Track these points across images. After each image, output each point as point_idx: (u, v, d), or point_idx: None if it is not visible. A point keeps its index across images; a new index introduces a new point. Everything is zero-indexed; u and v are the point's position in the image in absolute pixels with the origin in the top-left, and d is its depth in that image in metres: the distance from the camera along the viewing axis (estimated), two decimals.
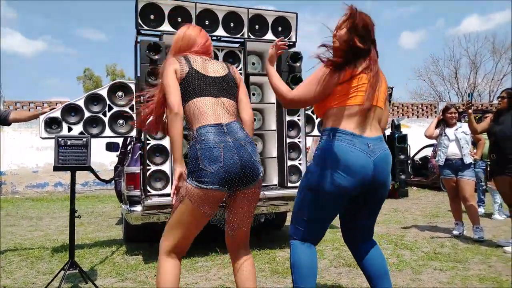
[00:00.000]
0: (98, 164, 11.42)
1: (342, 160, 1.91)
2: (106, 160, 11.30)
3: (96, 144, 8.44)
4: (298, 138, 4.43)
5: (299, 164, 4.42)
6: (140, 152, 4.06)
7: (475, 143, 5.15)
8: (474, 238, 4.42)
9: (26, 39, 40.31)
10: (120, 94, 4.00)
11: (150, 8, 4.04)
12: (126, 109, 3.99)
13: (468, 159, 4.55)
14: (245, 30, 4.39)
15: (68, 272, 2.98)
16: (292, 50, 4.51)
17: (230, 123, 1.97)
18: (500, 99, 4.12)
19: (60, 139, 2.98)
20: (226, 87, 2.05)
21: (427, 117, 15.02)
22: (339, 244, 4.36)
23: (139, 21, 4.00)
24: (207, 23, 4.27)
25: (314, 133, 4.73)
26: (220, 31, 4.32)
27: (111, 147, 5.68)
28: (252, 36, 4.42)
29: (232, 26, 4.37)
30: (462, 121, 4.82)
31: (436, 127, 4.90)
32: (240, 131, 1.98)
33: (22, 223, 6.62)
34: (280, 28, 4.53)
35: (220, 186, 1.87)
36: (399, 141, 8.83)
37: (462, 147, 4.58)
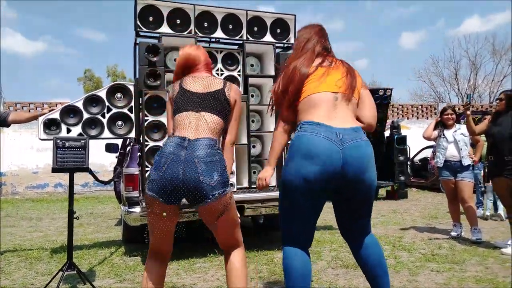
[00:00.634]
0: (98, 165, 11.45)
1: (303, 148, 1.89)
2: (106, 161, 11.32)
3: (96, 145, 8.48)
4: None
5: None
6: (138, 153, 4.08)
7: (474, 144, 5.16)
8: (472, 239, 4.43)
9: (26, 39, 40.40)
10: (119, 95, 4.01)
11: (149, 10, 4.06)
12: (125, 110, 4.01)
13: (466, 161, 4.56)
14: (243, 32, 4.41)
15: (67, 273, 3.00)
16: (291, 52, 4.52)
17: (197, 140, 1.95)
18: (498, 101, 4.13)
19: (58, 141, 2.99)
20: (213, 102, 2.06)
21: (427, 118, 15.03)
22: (337, 246, 4.37)
23: (138, 23, 4.02)
24: (205, 25, 4.29)
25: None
26: (218, 33, 4.34)
27: (110, 148, 5.70)
28: (250, 38, 4.44)
29: (230, 28, 4.38)
30: (462, 122, 4.83)
31: (435, 128, 4.91)
32: (203, 149, 1.92)
33: (21, 224, 6.64)
34: (278, 30, 4.55)
35: (157, 195, 1.91)
36: (398, 142, 8.86)
37: (461, 148, 4.59)
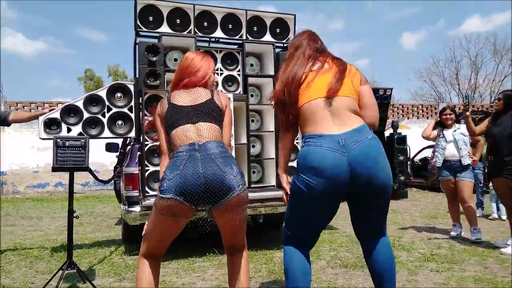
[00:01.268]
0: (99, 165, 11.49)
1: (308, 163, 1.92)
2: (106, 160, 11.35)
3: (97, 145, 8.50)
4: (297, 140, 4.45)
5: None
6: (138, 153, 4.09)
7: (474, 144, 5.16)
8: (472, 239, 4.43)
9: (27, 39, 40.43)
10: (119, 95, 4.02)
11: (148, 9, 4.06)
12: (125, 110, 4.02)
13: (466, 161, 4.57)
14: (243, 31, 4.41)
15: (67, 272, 3.01)
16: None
17: (205, 143, 1.96)
18: (497, 101, 4.14)
19: (58, 140, 3.00)
20: (207, 111, 2.06)
21: (427, 118, 15.02)
22: (336, 245, 4.37)
23: (138, 22, 4.02)
24: (205, 25, 4.29)
25: None
26: (218, 33, 4.34)
27: (110, 147, 5.72)
28: (250, 38, 4.44)
29: (230, 27, 4.39)
30: (462, 122, 4.82)
31: (434, 128, 4.91)
32: (215, 148, 1.95)
33: (22, 223, 6.65)
34: (278, 29, 4.55)
35: (176, 195, 1.83)
36: (398, 142, 8.86)
37: (461, 148, 4.60)
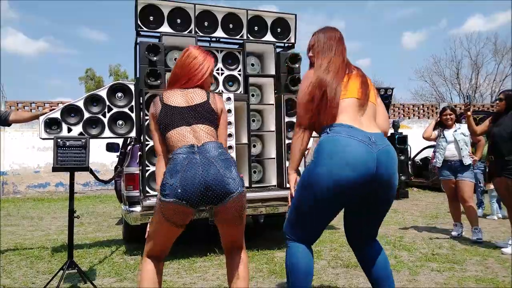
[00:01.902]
0: (100, 165, 11.49)
1: (340, 152, 1.84)
2: (107, 160, 11.35)
3: (98, 145, 8.48)
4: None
5: None
6: (139, 153, 4.08)
7: (474, 144, 5.15)
8: (473, 239, 4.42)
9: (28, 39, 40.49)
10: (119, 95, 4.02)
11: (149, 9, 4.06)
12: (126, 110, 4.02)
13: (467, 161, 4.56)
14: (244, 31, 4.40)
15: (67, 272, 3.01)
16: (291, 51, 4.53)
17: (203, 145, 1.95)
18: (497, 101, 4.13)
19: (59, 140, 3.00)
20: (202, 113, 2.05)
21: (428, 118, 15.00)
22: (337, 245, 4.37)
23: (139, 22, 4.02)
24: (206, 24, 4.29)
25: (313, 134, 4.73)
26: (219, 32, 4.33)
27: (111, 147, 5.71)
28: (251, 37, 4.43)
29: (231, 27, 4.38)
30: (463, 122, 4.82)
31: (435, 128, 4.90)
32: (213, 150, 1.94)
33: (23, 223, 6.66)
34: (279, 29, 4.55)
35: (178, 199, 1.84)
36: (399, 142, 8.86)
37: (461, 148, 4.59)
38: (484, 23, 39.12)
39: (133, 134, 4.07)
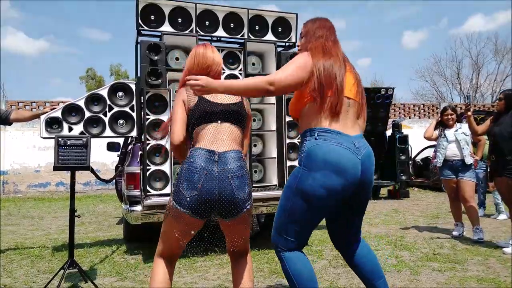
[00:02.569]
0: (101, 164, 11.49)
1: (333, 161, 1.86)
2: (108, 159, 11.35)
3: (99, 144, 8.47)
4: (298, 139, 4.44)
5: None
6: (140, 152, 4.08)
7: (475, 143, 5.15)
8: (474, 239, 4.42)
9: (29, 38, 40.52)
10: (120, 94, 4.02)
11: (150, 8, 4.05)
12: (127, 109, 4.01)
13: (469, 160, 4.55)
14: (245, 30, 4.40)
15: (68, 271, 3.01)
16: (292, 50, 4.53)
17: (225, 153, 1.95)
18: (497, 101, 4.13)
19: (60, 139, 2.99)
20: (236, 113, 2.07)
21: (429, 117, 14.99)
22: None
23: (140, 21, 4.01)
24: (207, 24, 4.28)
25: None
26: (220, 32, 4.33)
27: (112, 147, 5.70)
28: (252, 37, 4.43)
29: (232, 26, 4.38)
30: (464, 122, 4.81)
31: (436, 128, 4.90)
32: (233, 162, 1.95)
33: (23, 222, 6.65)
34: (280, 28, 4.54)
35: (192, 212, 1.91)
36: (400, 142, 8.84)
37: (462, 148, 4.58)
38: (485, 22, 39.13)
39: (134, 134, 4.07)
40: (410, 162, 9.76)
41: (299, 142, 4.42)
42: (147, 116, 3.89)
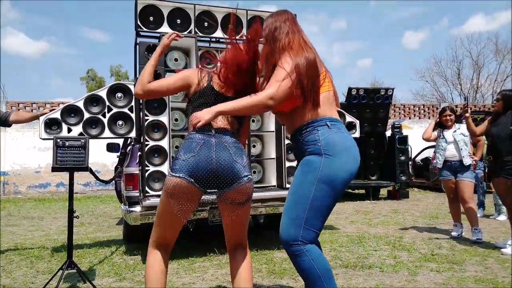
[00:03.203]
0: (100, 165, 11.51)
1: (350, 148, 2.00)
2: (108, 160, 11.37)
3: (98, 145, 8.49)
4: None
5: None
6: (139, 153, 4.09)
7: (475, 144, 5.15)
8: (472, 239, 4.42)
9: (29, 39, 40.57)
10: (119, 95, 4.03)
11: (149, 9, 4.06)
12: (126, 110, 4.02)
13: (467, 161, 4.56)
14: (244, 31, 4.40)
15: (67, 272, 3.01)
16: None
17: (222, 129, 2.02)
18: (495, 102, 4.14)
19: (58, 140, 3.00)
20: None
21: (429, 118, 14.99)
22: (337, 245, 4.37)
23: (138, 22, 4.02)
24: (206, 25, 4.29)
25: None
26: (219, 33, 4.33)
27: (112, 148, 5.72)
28: None
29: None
30: (463, 122, 4.82)
31: (434, 129, 4.90)
32: (229, 137, 2.01)
33: (23, 223, 6.67)
34: None
35: (187, 176, 1.87)
36: (399, 142, 8.84)
37: (461, 148, 4.59)
38: (485, 23, 39.13)
39: (133, 134, 4.08)
40: (410, 163, 9.76)
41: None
42: (146, 117, 3.90)
